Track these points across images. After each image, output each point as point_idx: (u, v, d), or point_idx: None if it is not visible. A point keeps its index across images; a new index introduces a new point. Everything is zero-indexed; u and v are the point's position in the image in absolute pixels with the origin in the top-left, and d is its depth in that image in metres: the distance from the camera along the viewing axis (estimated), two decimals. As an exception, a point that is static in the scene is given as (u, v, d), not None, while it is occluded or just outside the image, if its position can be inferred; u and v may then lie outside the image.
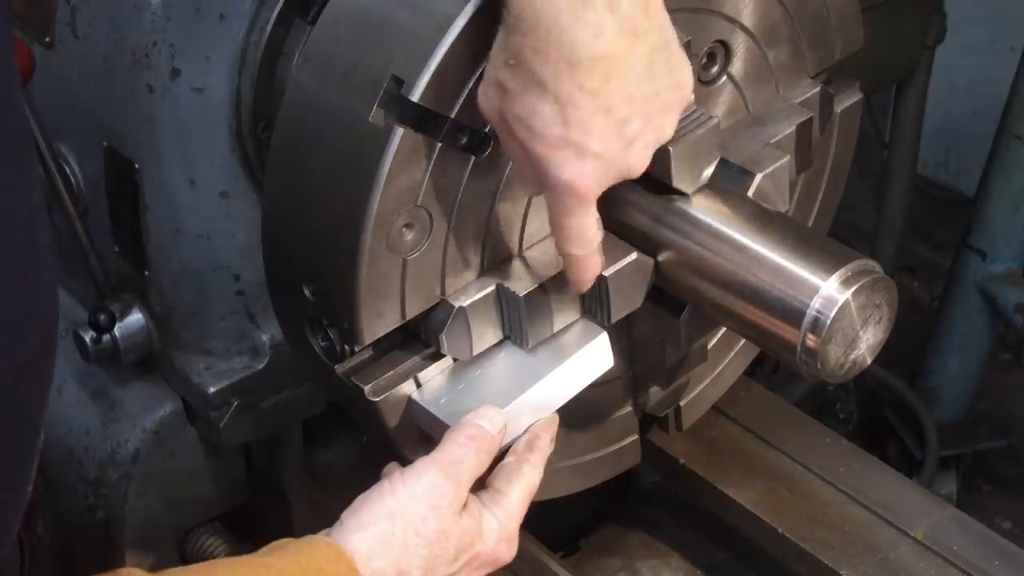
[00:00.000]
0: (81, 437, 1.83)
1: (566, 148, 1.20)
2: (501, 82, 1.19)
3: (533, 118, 1.18)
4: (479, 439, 1.31)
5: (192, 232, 1.66)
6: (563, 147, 1.20)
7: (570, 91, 1.16)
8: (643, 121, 1.22)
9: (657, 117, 1.24)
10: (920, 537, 1.70)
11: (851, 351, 1.36)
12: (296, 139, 1.35)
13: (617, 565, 1.97)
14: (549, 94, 1.17)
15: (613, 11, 1.15)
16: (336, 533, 1.23)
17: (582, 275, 1.35)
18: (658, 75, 1.21)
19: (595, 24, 1.14)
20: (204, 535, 1.91)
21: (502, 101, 1.20)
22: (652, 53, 1.19)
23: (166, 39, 1.56)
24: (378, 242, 1.29)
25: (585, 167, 1.21)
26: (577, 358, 1.43)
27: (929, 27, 2.46)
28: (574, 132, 1.19)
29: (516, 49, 1.16)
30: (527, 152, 1.22)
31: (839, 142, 1.72)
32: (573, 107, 1.17)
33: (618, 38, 1.16)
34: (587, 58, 1.15)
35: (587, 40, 1.14)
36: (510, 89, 1.19)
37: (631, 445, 1.77)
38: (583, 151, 1.20)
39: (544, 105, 1.17)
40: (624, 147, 1.22)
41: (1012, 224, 2.59)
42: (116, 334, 1.75)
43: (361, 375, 1.39)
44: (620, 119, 1.20)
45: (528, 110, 1.18)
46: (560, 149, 1.20)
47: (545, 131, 1.19)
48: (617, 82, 1.18)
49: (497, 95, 1.20)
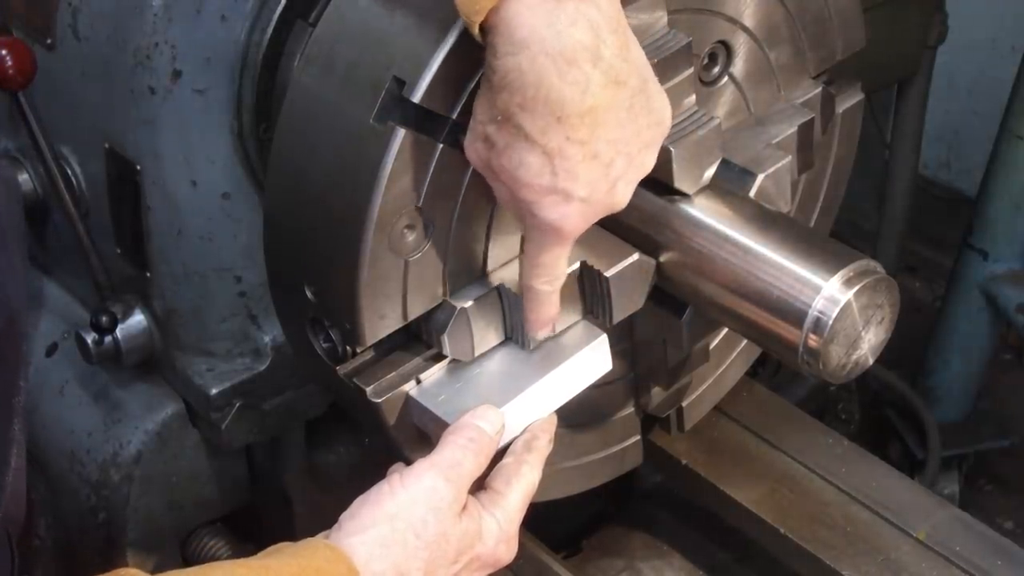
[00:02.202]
0: (83, 439, 1.83)
1: (553, 194, 1.22)
2: (488, 136, 1.21)
3: (521, 169, 1.21)
4: (478, 441, 1.31)
5: (193, 233, 1.66)
6: (550, 194, 1.22)
7: (558, 143, 1.19)
8: (626, 160, 1.24)
9: (639, 155, 1.26)
10: (922, 537, 1.70)
11: (853, 351, 1.36)
12: (297, 140, 1.35)
13: (619, 566, 1.97)
14: (537, 147, 1.19)
15: (596, 64, 1.16)
16: (335, 536, 1.23)
17: (540, 313, 1.36)
18: (639, 115, 1.23)
19: (581, 80, 1.16)
20: (206, 536, 1.90)
21: (489, 153, 1.22)
22: (633, 96, 1.21)
23: (167, 40, 1.56)
24: (379, 243, 1.29)
25: (571, 210, 1.24)
26: (576, 360, 1.43)
27: (930, 27, 2.46)
28: (561, 180, 1.21)
29: (503, 107, 1.18)
30: (515, 198, 1.24)
31: (840, 142, 1.72)
32: (561, 158, 1.19)
33: (603, 90, 1.18)
34: (574, 113, 1.17)
35: (574, 96, 1.16)
36: (497, 143, 1.21)
37: (633, 446, 1.77)
38: (570, 196, 1.22)
39: (532, 157, 1.20)
40: (609, 187, 1.25)
41: (1013, 224, 2.59)
42: (118, 335, 1.75)
43: (363, 376, 1.39)
44: (605, 163, 1.22)
45: (516, 162, 1.20)
46: (547, 195, 1.22)
47: (533, 181, 1.21)
48: (603, 129, 1.20)
49: (485, 148, 1.23)
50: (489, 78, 1.18)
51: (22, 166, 1.82)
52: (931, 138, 2.84)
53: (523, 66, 1.15)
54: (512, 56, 1.15)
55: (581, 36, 1.15)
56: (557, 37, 1.14)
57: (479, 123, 1.22)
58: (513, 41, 1.15)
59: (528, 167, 1.20)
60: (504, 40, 1.15)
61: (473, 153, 1.25)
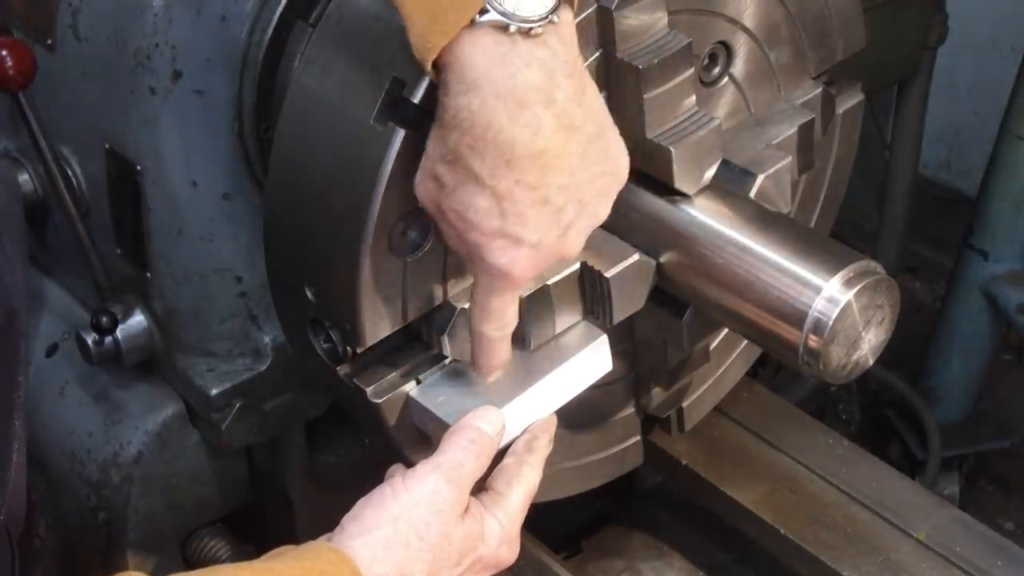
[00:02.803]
0: (83, 439, 1.82)
1: (502, 238, 1.21)
2: (438, 175, 1.20)
3: (470, 211, 1.19)
4: (479, 442, 1.31)
5: (194, 234, 1.66)
6: (499, 237, 1.20)
7: (507, 186, 1.17)
8: (578, 208, 1.23)
9: (592, 203, 1.24)
10: (922, 538, 1.70)
11: (853, 352, 1.36)
12: (298, 141, 1.35)
13: (619, 566, 1.97)
14: (486, 189, 1.17)
15: (549, 107, 1.15)
16: (338, 538, 1.23)
17: (489, 358, 1.35)
18: (592, 163, 1.22)
19: (532, 123, 1.15)
20: (206, 537, 1.90)
21: (439, 193, 1.21)
22: (588, 143, 1.20)
23: (168, 41, 1.56)
24: (380, 244, 1.29)
25: (520, 255, 1.22)
26: (576, 360, 1.43)
27: (930, 27, 2.46)
28: (510, 224, 1.19)
29: (453, 146, 1.17)
30: (463, 240, 1.23)
31: (841, 143, 1.72)
32: (510, 201, 1.18)
33: (555, 134, 1.16)
34: (525, 156, 1.16)
35: (524, 139, 1.15)
36: (447, 183, 1.19)
37: (633, 446, 1.77)
38: (519, 241, 1.21)
39: (481, 199, 1.18)
40: (560, 234, 1.23)
41: (1014, 224, 2.59)
42: (118, 336, 1.75)
43: (363, 376, 1.39)
44: (556, 209, 1.21)
45: (464, 204, 1.19)
46: (496, 239, 1.21)
47: (482, 223, 1.20)
48: (554, 175, 1.18)
49: (434, 187, 1.21)
50: (441, 116, 1.17)
51: (22, 166, 1.82)
52: (931, 138, 2.84)
53: (473, 106, 1.14)
54: (463, 96, 1.14)
55: (534, 78, 1.14)
56: (509, 78, 1.13)
57: (430, 161, 1.21)
58: (465, 80, 1.14)
59: (477, 209, 1.19)
60: (456, 79, 1.14)
61: (423, 192, 1.23)
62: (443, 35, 1.12)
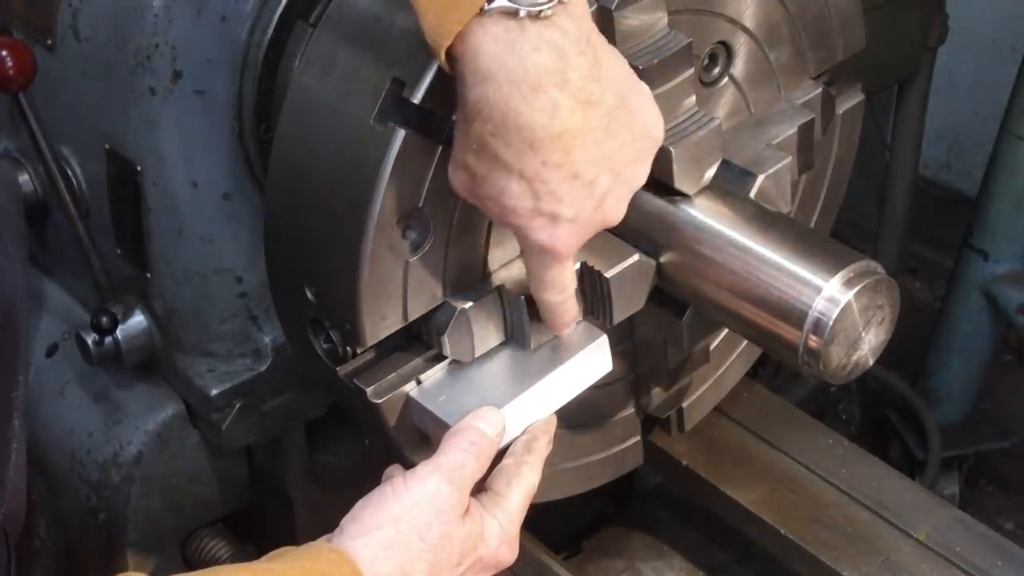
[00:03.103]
0: (83, 439, 1.82)
1: (540, 218, 1.23)
2: (468, 165, 1.22)
3: (503, 196, 1.21)
4: (479, 443, 1.31)
5: (194, 234, 1.66)
6: (536, 217, 1.23)
7: (535, 168, 1.19)
8: (612, 176, 1.24)
9: (627, 170, 1.26)
10: (922, 538, 1.70)
11: (853, 352, 1.36)
12: (298, 141, 1.35)
13: (619, 566, 1.97)
14: (515, 173, 1.19)
15: (563, 88, 1.16)
16: (338, 539, 1.23)
17: (559, 319, 1.38)
18: (619, 131, 1.23)
19: (548, 106, 1.16)
20: (206, 537, 1.90)
21: (472, 183, 1.23)
22: (610, 114, 1.21)
23: (168, 41, 1.56)
24: (380, 244, 1.29)
25: (560, 231, 1.24)
26: (576, 361, 1.43)
27: (930, 28, 2.46)
28: (545, 203, 1.21)
29: (477, 135, 1.18)
30: (505, 223, 1.25)
31: (841, 143, 1.72)
32: (540, 182, 1.20)
33: (573, 113, 1.17)
34: (546, 137, 1.17)
35: (543, 121, 1.16)
36: (477, 172, 1.21)
37: (633, 447, 1.77)
38: (557, 218, 1.23)
39: (512, 184, 1.20)
40: (596, 205, 1.25)
41: (1014, 224, 2.59)
42: (118, 336, 1.75)
43: (363, 377, 1.39)
44: (588, 182, 1.22)
45: (497, 189, 1.21)
46: (534, 219, 1.23)
47: (517, 206, 1.22)
48: (579, 150, 1.20)
49: (467, 178, 1.23)
50: (462, 108, 1.19)
51: (22, 167, 1.82)
52: (931, 139, 2.84)
53: (490, 95, 1.15)
54: (479, 86, 1.15)
55: (545, 61, 1.15)
56: (520, 64, 1.14)
57: (458, 152, 1.23)
58: (479, 70, 1.15)
59: (510, 193, 1.21)
60: (471, 70, 1.15)
61: (457, 183, 1.25)
62: (456, 23, 1.13)
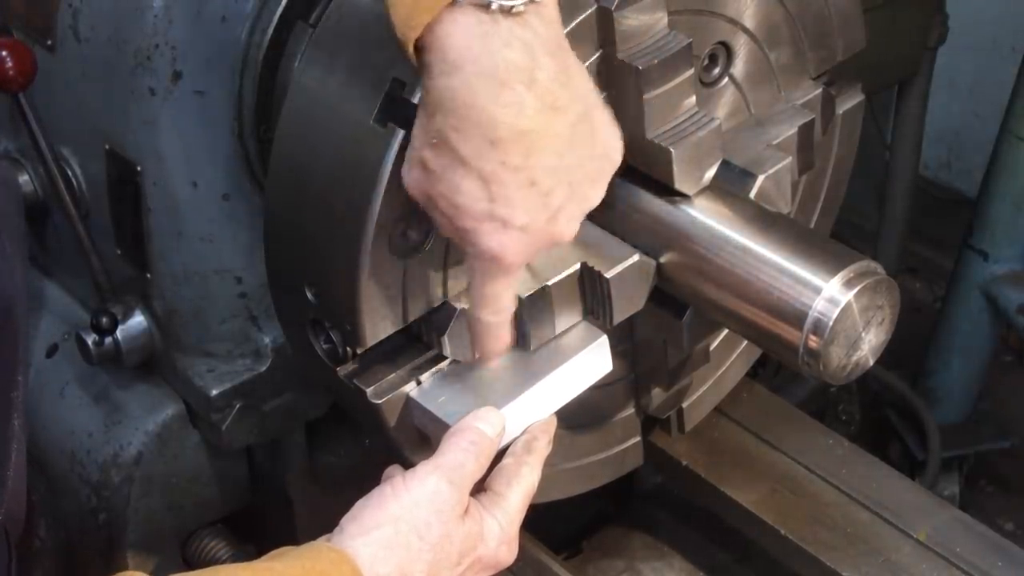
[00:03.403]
0: (83, 440, 1.82)
1: (490, 222, 1.20)
2: (424, 161, 1.20)
3: (457, 195, 1.19)
4: (479, 444, 1.31)
5: (194, 234, 1.66)
6: (487, 220, 1.20)
7: (493, 168, 1.17)
8: (567, 191, 1.22)
9: (582, 187, 1.24)
10: (922, 538, 1.70)
11: (853, 352, 1.36)
12: (298, 141, 1.35)
13: (619, 566, 1.97)
14: (472, 171, 1.17)
15: (530, 88, 1.15)
16: (337, 538, 1.23)
17: (490, 344, 1.34)
18: (581, 146, 1.21)
19: (514, 103, 1.14)
20: (206, 537, 1.90)
21: (427, 180, 1.21)
22: (574, 125, 1.19)
23: (168, 41, 1.56)
24: (380, 245, 1.29)
25: (510, 239, 1.21)
26: (576, 361, 1.43)
27: (930, 28, 2.46)
28: (499, 207, 1.19)
29: (437, 128, 1.16)
30: (454, 227, 1.22)
31: (841, 143, 1.72)
32: (497, 183, 1.18)
33: (538, 114, 1.16)
34: (508, 136, 1.15)
35: (507, 119, 1.15)
36: (433, 168, 1.19)
37: (633, 447, 1.77)
38: (508, 224, 1.20)
39: (467, 182, 1.18)
40: (549, 217, 1.22)
41: (1014, 225, 2.58)
42: (118, 336, 1.75)
43: (363, 377, 1.39)
44: (544, 191, 1.20)
45: (452, 187, 1.19)
46: (484, 222, 1.20)
47: (470, 207, 1.19)
48: (539, 156, 1.18)
49: (422, 175, 1.21)
50: (424, 100, 1.17)
51: (22, 167, 1.82)
52: (931, 139, 2.84)
53: (456, 86, 1.13)
54: (445, 76, 1.14)
55: (515, 57, 1.13)
56: (490, 58, 1.13)
57: (416, 148, 1.20)
58: (447, 61, 1.13)
59: (464, 193, 1.18)
60: (438, 60, 1.14)
61: (411, 180, 1.22)
62: (426, 13, 1.11)
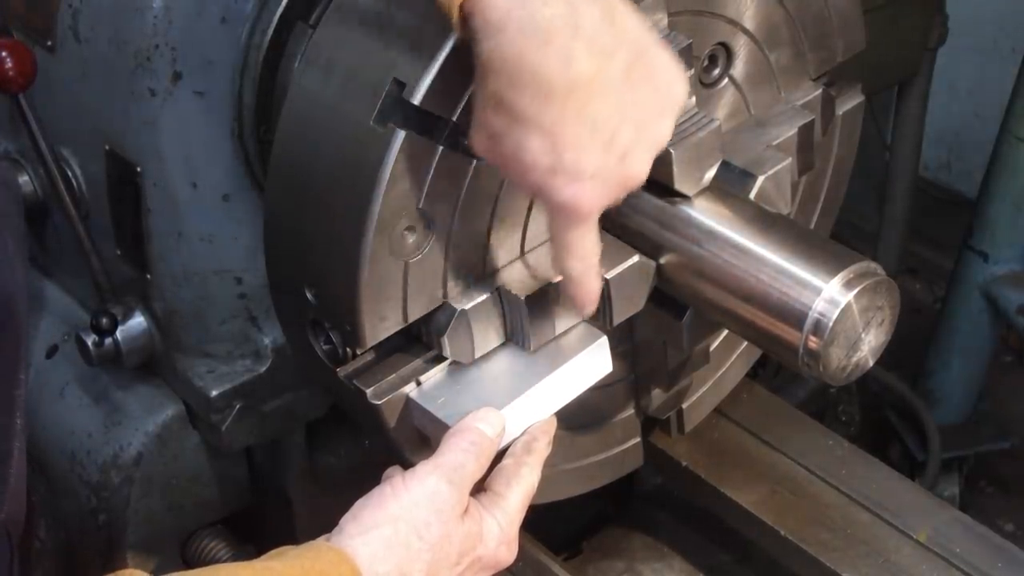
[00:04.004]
0: (83, 440, 1.82)
1: (560, 175, 1.20)
2: (487, 125, 1.21)
3: (522, 152, 1.19)
4: (479, 444, 1.31)
5: (194, 235, 1.66)
6: (558, 174, 1.20)
7: (552, 121, 1.17)
8: (633, 132, 1.22)
9: (647, 126, 1.23)
10: (922, 539, 1.70)
11: (853, 353, 1.36)
12: (298, 142, 1.35)
13: (619, 567, 1.97)
14: (533, 127, 1.18)
15: (576, 36, 1.15)
16: (337, 538, 1.23)
17: (581, 292, 1.34)
18: (639, 86, 1.21)
19: (561, 54, 1.15)
20: (206, 538, 1.90)
21: (491, 143, 1.22)
22: (629, 67, 1.19)
23: (168, 42, 1.56)
24: (380, 245, 1.29)
25: (583, 188, 1.21)
26: (576, 362, 1.43)
27: (930, 29, 2.46)
28: (565, 158, 1.19)
29: (493, 91, 1.18)
30: (527, 185, 1.23)
31: (841, 144, 1.72)
32: (558, 135, 1.18)
33: (587, 62, 1.16)
34: (561, 87, 1.16)
35: (556, 71, 1.15)
36: (497, 130, 1.20)
37: (633, 448, 1.77)
38: (578, 173, 1.20)
39: (530, 139, 1.18)
40: (618, 160, 1.22)
41: (1014, 226, 2.58)
42: (118, 337, 1.75)
43: (363, 378, 1.39)
44: (608, 137, 1.20)
45: (517, 146, 1.19)
46: (555, 176, 1.20)
47: (536, 162, 1.19)
48: (596, 102, 1.18)
49: (487, 140, 1.22)
50: (478, 65, 1.18)
51: (22, 168, 1.82)
52: (931, 140, 2.84)
53: (503, 46, 1.15)
54: (492, 39, 1.15)
55: (555, 11, 1.14)
56: (531, 16, 1.14)
57: (478, 113, 1.22)
58: (490, 23, 1.15)
59: (529, 150, 1.19)
60: (482, 24, 1.15)
61: (479, 144, 1.24)
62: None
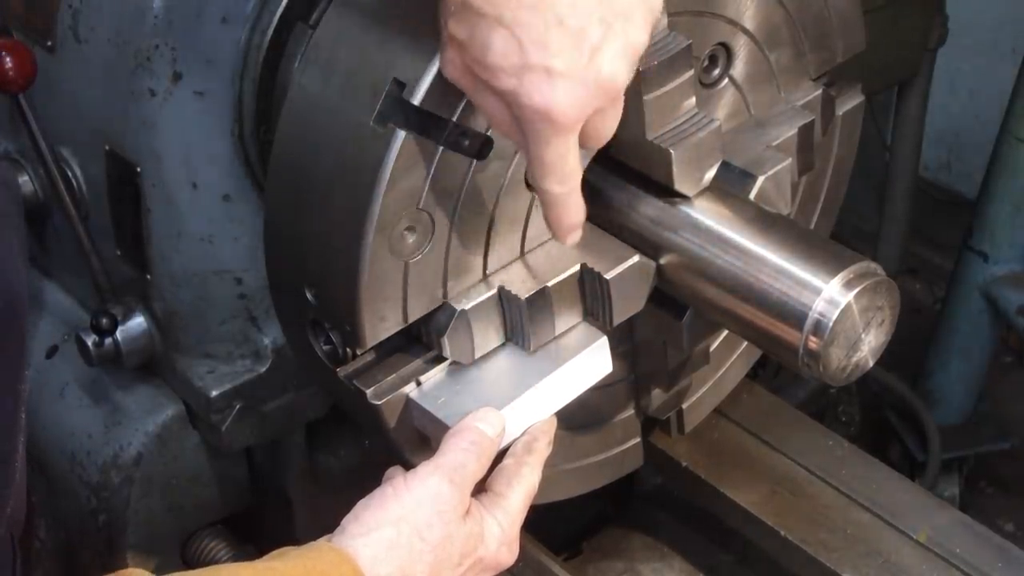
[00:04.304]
0: (83, 440, 1.82)
1: (530, 73, 1.15)
2: (452, 35, 1.17)
3: (489, 54, 1.15)
4: (480, 444, 1.31)
5: (194, 235, 1.66)
6: (527, 73, 1.15)
7: (514, 12, 1.13)
8: (602, 28, 1.16)
9: (618, 23, 1.17)
10: (922, 539, 1.70)
11: (853, 353, 1.36)
12: (298, 142, 1.35)
13: (619, 567, 1.97)
14: (494, 23, 1.13)
15: None
16: (338, 539, 1.23)
17: (562, 217, 1.27)
18: None
19: None
20: (206, 538, 1.90)
21: (459, 55, 1.18)
22: None
23: (168, 42, 1.56)
24: (380, 245, 1.29)
25: (555, 89, 1.15)
26: (576, 362, 1.43)
27: (930, 29, 2.46)
28: (532, 54, 1.14)
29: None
30: (499, 93, 1.17)
31: (841, 144, 1.72)
32: (522, 27, 1.13)
33: None
34: None
35: None
36: (461, 38, 1.16)
37: (633, 448, 1.77)
38: (548, 71, 1.14)
39: (494, 36, 1.14)
40: (588, 59, 1.16)
41: (1014, 226, 2.58)
42: (118, 337, 1.75)
43: (363, 378, 1.39)
44: (575, 29, 1.14)
45: (482, 48, 1.15)
46: (524, 75, 1.15)
47: (504, 63, 1.15)
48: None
49: (454, 52, 1.18)
50: None
51: (22, 168, 1.82)
52: (931, 140, 2.84)
53: None
54: None
55: None
56: None
57: (443, 28, 1.18)
58: None
59: (494, 49, 1.14)
60: None
61: (449, 66, 1.20)
62: None
